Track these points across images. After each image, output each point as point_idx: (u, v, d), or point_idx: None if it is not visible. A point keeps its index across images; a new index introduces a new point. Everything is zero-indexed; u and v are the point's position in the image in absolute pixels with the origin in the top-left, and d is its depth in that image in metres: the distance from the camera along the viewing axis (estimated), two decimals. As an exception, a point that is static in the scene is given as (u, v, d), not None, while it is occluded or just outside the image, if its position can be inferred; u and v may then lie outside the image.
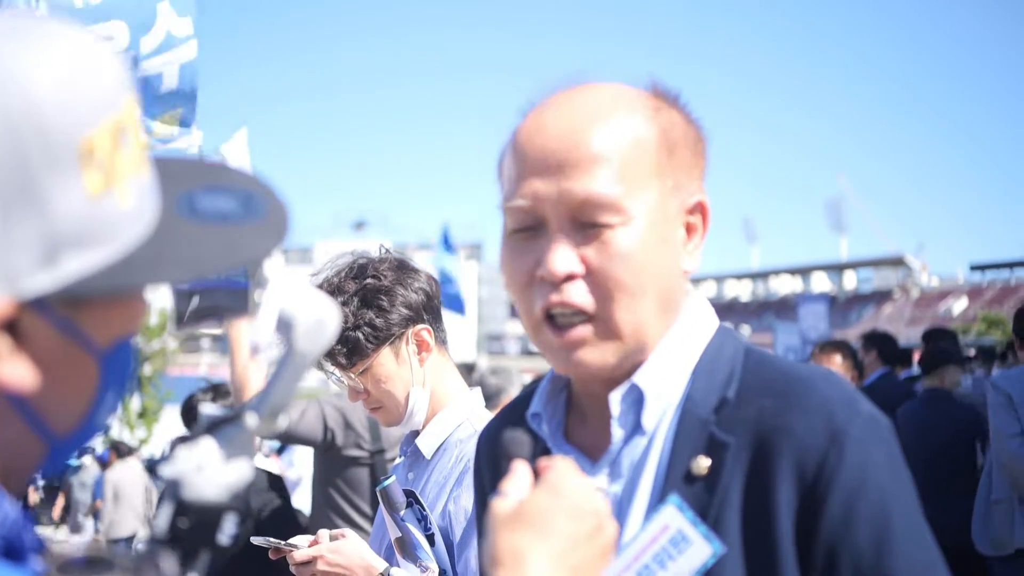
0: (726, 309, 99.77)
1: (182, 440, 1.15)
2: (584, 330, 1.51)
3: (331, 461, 5.43)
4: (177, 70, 4.63)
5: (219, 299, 4.11)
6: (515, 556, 1.28)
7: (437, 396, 3.09)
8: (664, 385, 1.58)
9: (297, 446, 10.23)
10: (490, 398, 7.32)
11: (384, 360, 3.03)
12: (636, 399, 1.58)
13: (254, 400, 1.18)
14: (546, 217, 1.51)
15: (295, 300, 1.15)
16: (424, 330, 3.07)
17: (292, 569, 3.00)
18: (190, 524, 1.10)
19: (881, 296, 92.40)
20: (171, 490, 1.11)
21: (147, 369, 45.92)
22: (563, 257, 1.49)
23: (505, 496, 1.35)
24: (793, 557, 1.44)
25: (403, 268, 3.12)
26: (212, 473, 1.11)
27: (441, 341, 3.15)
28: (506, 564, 1.28)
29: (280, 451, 14.54)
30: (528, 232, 1.54)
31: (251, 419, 1.16)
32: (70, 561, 0.99)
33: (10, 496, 1.02)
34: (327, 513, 5.40)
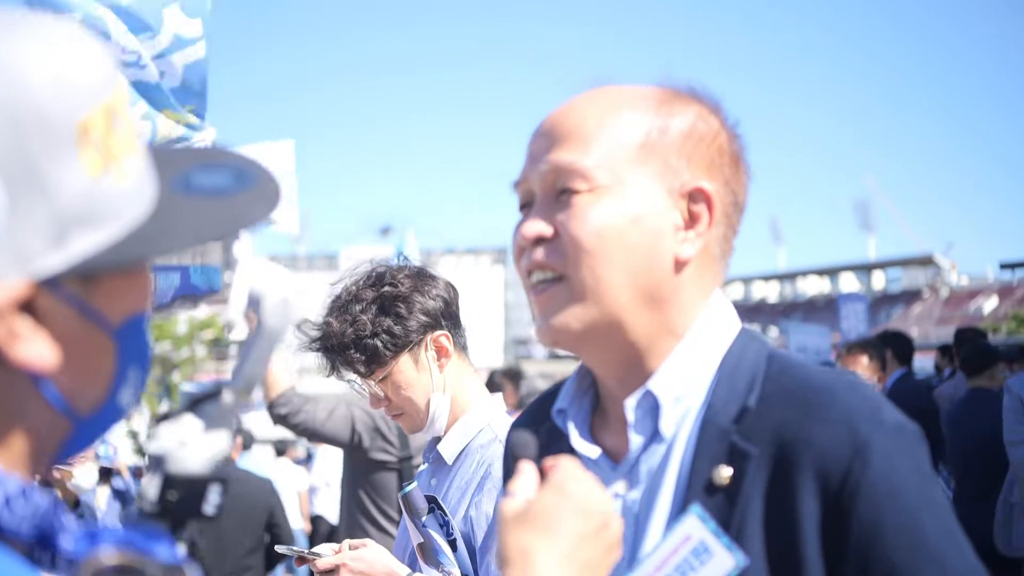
0: (753, 311, 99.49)
1: (164, 418, 1.21)
2: (552, 291, 1.56)
3: (359, 464, 5.47)
4: (181, 69, 4.67)
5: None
6: (523, 555, 1.31)
7: (458, 402, 3.11)
8: (682, 390, 1.58)
9: (320, 455, 10.31)
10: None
11: (403, 367, 3.05)
12: (652, 406, 1.58)
13: (229, 376, 1.25)
14: (535, 191, 1.61)
15: (262, 279, 1.23)
16: (443, 336, 3.09)
17: None
18: (178, 496, 1.16)
19: (910, 296, 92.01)
20: (157, 465, 1.17)
21: (176, 376, 46.20)
22: (533, 222, 1.58)
23: (513, 496, 1.38)
24: (820, 570, 1.43)
25: (421, 276, 3.15)
26: (195, 447, 1.18)
27: (461, 347, 3.16)
28: (515, 563, 1.31)
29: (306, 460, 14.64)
30: (528, 208, 1.63)
31: (227, 394, 1.23)
32: (102, 570, 1.01)
33: (40, 484, 1.06)
34: (356, 517, 5.44)
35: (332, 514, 7.65)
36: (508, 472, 1.90)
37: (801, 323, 14.77)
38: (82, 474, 7.26)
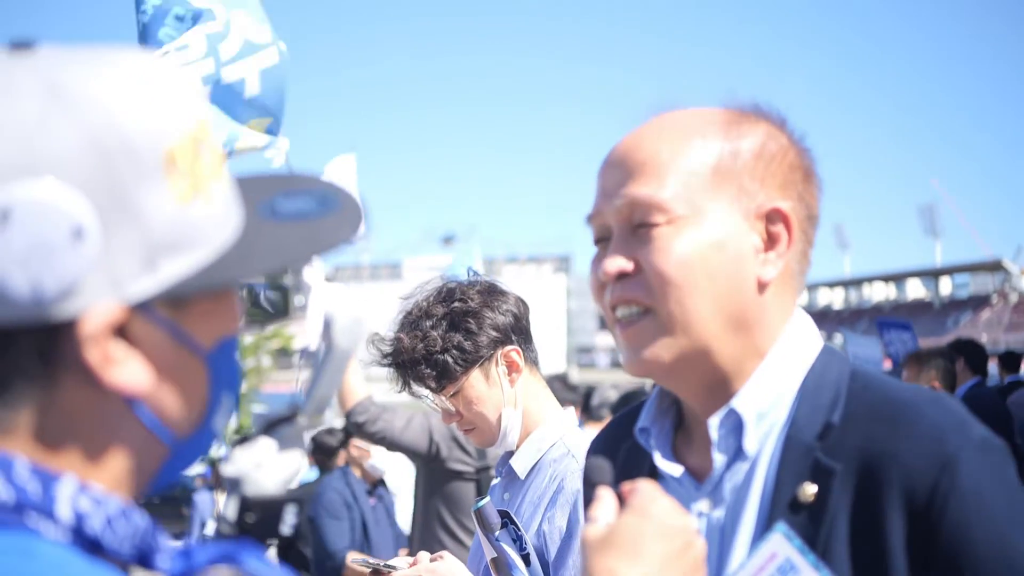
0: (819, 317, 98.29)
1: (240, 441, 1.24)
2: (640, 325, 1.57)
3: (436, 474, 5.44)
4: (258, 76, 4.72)
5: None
6: None
7: (530, 416, 3.11)
8: (766, 408, 1.58)
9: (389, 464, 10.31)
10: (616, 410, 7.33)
11: (474, 382, 3.07)
12: (736, 424, 1.58)
13: (300, 397, 1.27)
14: (611, 225, 1.61)
15: (333, 300, 1.25)
16: (514, 351, 3.10)
17: None
18: (256, 518, 1.20)
19: (978, 302, 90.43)
20: (234, 487, 1.21)
21: (242, 387, 46.37)
22: (614, 258, 1.58)
23: (595, 521, 1.39)
24: None
25: (491, 291, 3.16)
26: (270, 469, 1.22)
27: (532, 361, 3.17)
28: None
29: None
30: (605, 243, 1.63)
31: (300, 416, 1.25)
32: None
33: (138, 506, 1.08)
34: (432, 527, 5.41)
35: (403, 523, 7.75)
36: (588, 491, 1.92)
37: (856, 334, 14.34)
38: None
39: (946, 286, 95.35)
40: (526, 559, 2.88)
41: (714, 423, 1.59)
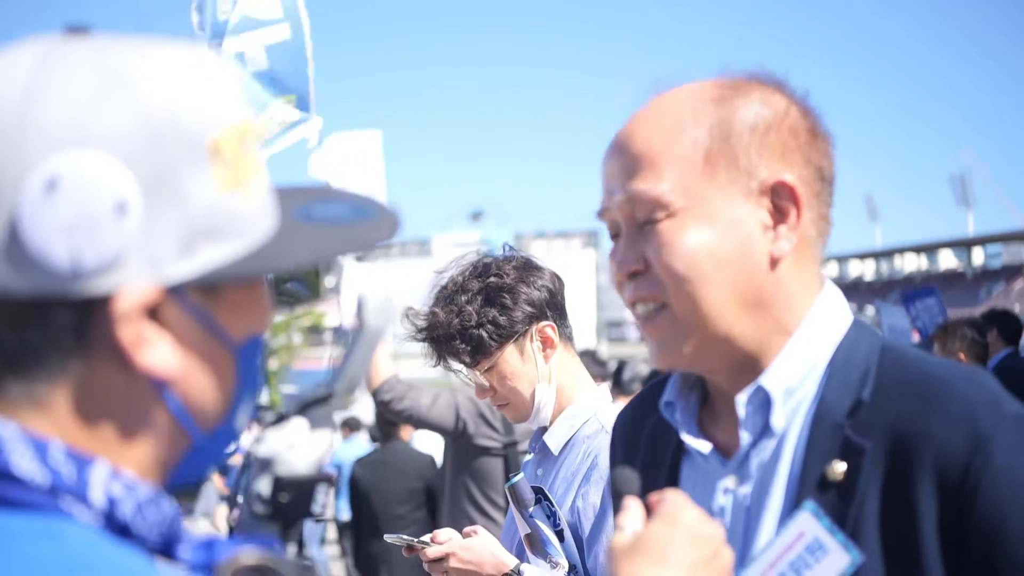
0: (850, 289, 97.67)
1: (272, 423, 1.25)
2: (660, 321, 1.57)
3: (464, 451, 5.47)
4: (264, 51, 4.70)
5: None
6: None
7: (564, 392, 3.11)
8: (794, 384, 1.56)
9: (415, 441, 10.44)
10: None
11: (509, 357, 3.07)
12: (763, 401, 1.57)
13: (332, 376, 1.27)
14: (618, 221, 1.61)
15: (365, 280, 1.26)
16: (548, 327, 3.09)
17: (425, 566, 3.06)
18: (289, 498, 1.21)
19: (1011, 272, 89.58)
20: (265, 467, 1.22)
21: (273, 364, 46.77)
22: (623, 260, 1.58)
23: (622, 530, 1.39)
24: (940, 567, 1.41)
25: (527, 267, 3.16)
26: (302, 449, 1.23)
27: (566, 337, 3.17)
28: None
29: None
30: (617, 238, 1.62)
31: (331, 395, 1.26)
32: (241, 568, 1.04)
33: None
34: (461, 503, 5.44)
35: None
36: (615, 461, 1.92)
37: (890, 304, 14.10)
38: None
39: (978, 256, 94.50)
40: (560, 535, 2.90)
41: (741, 400, 1.57)
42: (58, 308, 1.00)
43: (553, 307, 3.13)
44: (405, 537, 3.10)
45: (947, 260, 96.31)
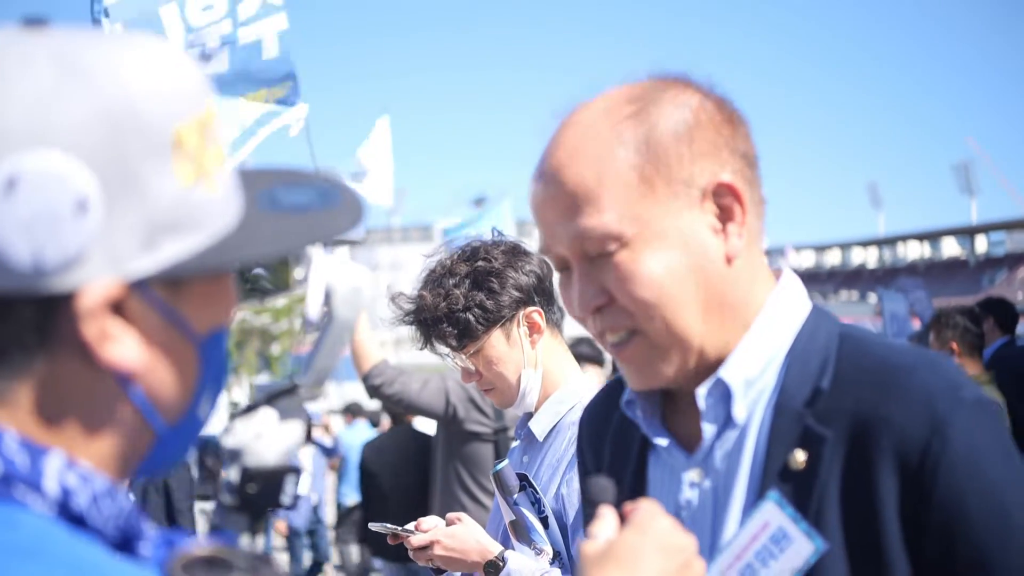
0: (852, 277, 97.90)
1: (240, 413, 1.25)
2: (635, 347, 1.55)
3: (454, 436, 5.50)
4: (276, 39, 4.76)
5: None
6: None
7: (550, 378, 3.11)
8: (753, 375, 1.56)
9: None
10: None
11: (495, 342, 3.07)
12: (724, 393, 1.57)
13: (300, 367, 1.28)
14: (566, 259, 1.56)
15: (332, 271, 1.25)
16: (535, 312, 3.09)
17: (410, 554, 3.06)
18: (257, 488, 1.21)
19: (1014, 259, 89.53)
20: (234, 458, 1.22)
21: (275, 349, 46.88)
22: (582, 297, 1.54)
23: (594, 538, 1.38)
24: (902, 552, 1.42)
25: (515, 251, 3.15)
26: (270, 440, 1.23)
27: (554, 323, 3.17)
28: None
29: None
30: (566, 272, 1.59)
31: (301, 388, 1.27)
32: (192, 560, 1.03)
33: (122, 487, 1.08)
34: (452, 489, 5.47)
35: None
36: (582, 453, 1.92)
37: (892, 291, 14.08)
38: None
39: (981, 244, 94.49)
40: (544, 522, 2.90)
41: (701, 393, 1.57)
42: (21, 306, 1.00)
43: (541, 292, 3.13)
44: (389, 526, 3.11)
45: (950, 248, 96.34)
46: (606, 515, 1.40)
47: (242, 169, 1.18)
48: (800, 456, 1.48)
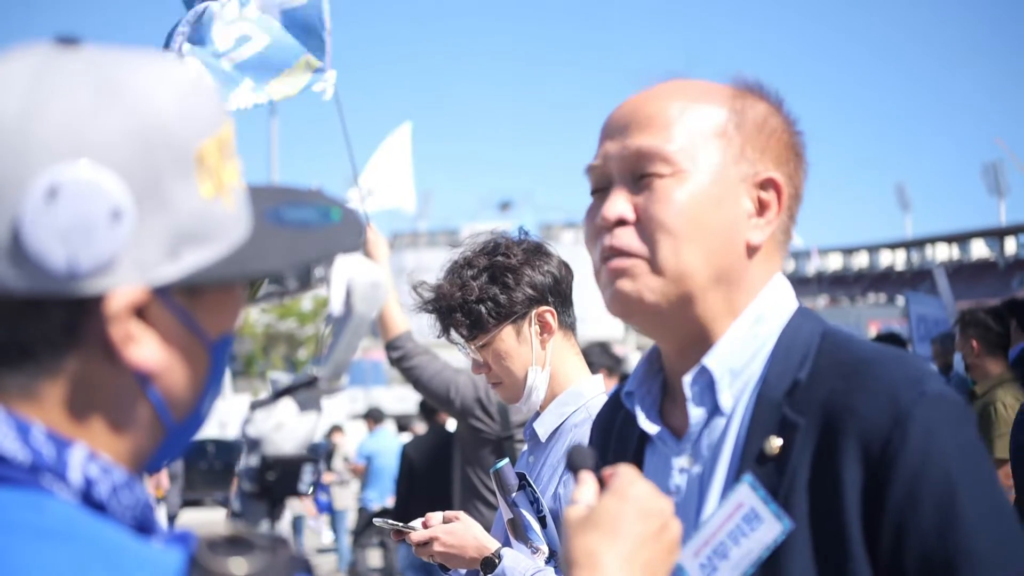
0: (880, 279, 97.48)
1: (260, 404, 1.32)
2: (627, 261, 1.60)
3: (470, 442, 5.47)
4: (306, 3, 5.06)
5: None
6: (589, 556, 1.39)
7: (557, 379, 3.14)
8: (739, 366, 1.63)
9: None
10: None
11: (505, 337, 3.10)
12: (708, 381, 1.64)
13: (319, 361, 1.33)
14: (612, 174, 1.65)
15: (351, 268, 1.31)
16: (548, 312, 3.12)
17: (413, 551, 3.10)
18: (275, 476, 1.28)
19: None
20: (254, 447, 1.29)
21: (303, 353, 47.14)
22: (615, 204, 1.62)
23: (577, 503, 1.44)
24: (860, 536, 1.47)
25: (536, 251, 3.19)
26: (289, 430, 1.29)
27: (567, 326, 3.19)
28: (581, 565, 1.39)
29: None
30: (602, 192, 1.67)
31: (319, 381, 1.32)
32: (214, 541, 1.07)
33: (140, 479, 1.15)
34: (469, 494, 5.45)
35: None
36: (573, 475, 1.93)
37: (921, 294, 13.99)
38: None
39: (1011, 246, 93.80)
40: (542, 521, 2.93)
41: (687, 380, 1.64)
42: (52, 307, 1.06)
43: (556, 293, 3.15)
44: (391, 522, 3.15)
45: (979, 250, 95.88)
46: (586, 480, 1.46)
47: (250, 186, 1.25)
48: (775, 442, 1.55)
